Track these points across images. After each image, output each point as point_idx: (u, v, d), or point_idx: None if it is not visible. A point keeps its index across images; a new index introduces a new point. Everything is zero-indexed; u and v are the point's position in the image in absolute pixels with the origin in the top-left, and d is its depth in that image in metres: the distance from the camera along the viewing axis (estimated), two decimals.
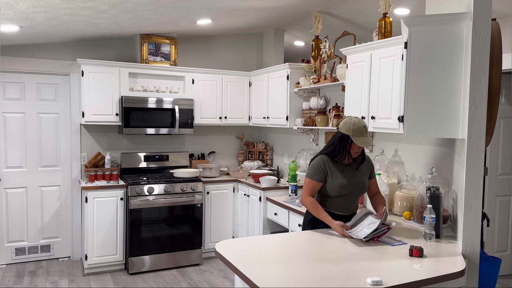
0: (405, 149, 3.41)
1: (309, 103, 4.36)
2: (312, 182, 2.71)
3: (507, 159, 4.47)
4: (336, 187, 2.69)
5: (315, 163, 2.74)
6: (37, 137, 4.71)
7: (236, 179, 4.94)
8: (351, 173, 2.73)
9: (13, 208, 4.63)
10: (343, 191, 2.70)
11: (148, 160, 4.97)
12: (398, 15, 3.86)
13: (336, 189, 2.69)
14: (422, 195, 2.84)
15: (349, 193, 2.72)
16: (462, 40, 2.34)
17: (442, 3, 2.90)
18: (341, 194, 2.71)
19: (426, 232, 2.46)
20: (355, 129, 2.60)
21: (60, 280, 4.24)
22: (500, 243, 4.46)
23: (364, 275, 1.91)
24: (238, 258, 2.10)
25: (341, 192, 2.70)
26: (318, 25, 4.29)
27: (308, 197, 2.72)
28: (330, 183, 2.70)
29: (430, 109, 2.43)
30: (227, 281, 4.24)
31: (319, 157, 2.75)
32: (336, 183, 2.69)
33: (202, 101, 4.98)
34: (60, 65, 4.69)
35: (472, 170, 2.27)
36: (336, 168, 2.71)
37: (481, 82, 2.25)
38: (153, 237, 4.46)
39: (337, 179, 2.69)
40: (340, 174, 2.70)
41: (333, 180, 2.69)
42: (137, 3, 3.34)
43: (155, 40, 4.82)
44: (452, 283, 2.13)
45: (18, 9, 3.13)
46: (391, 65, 3.02)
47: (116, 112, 4.55)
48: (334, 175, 2.70)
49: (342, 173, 2.70)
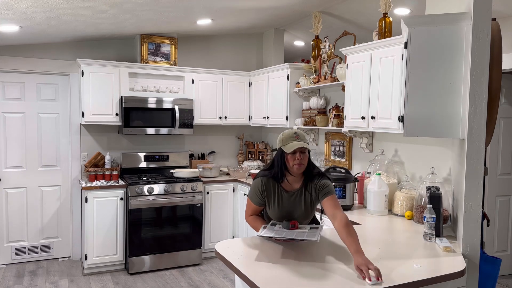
0: (405, 149, 3.41)
1: (309, 103, 4.36)
2: (252, 204, 2.47)
3: (507, 159, 4.47)
4: (273, 214, 2.44)
5: (253, 184, 2.46)
6: (37, 137, 4.70)
7: (236, 179, 4.94)
8: (288, 198, 2.41)
9: (13, 208, 4.63)
10: (282, 218, 2.42)
11: (148, 160, 4.97)
12: (398, 15, 3.86)
13: (274, 216, 2.44)
14: (422, 195, 2.84)
15: (290, 219, 2.40)
16: (462, 40, 2.34)
17: (442, 3, 2.90)
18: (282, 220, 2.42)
19: (426, 232, 2.46)
20: (284, 138, 2.33)
21: (60, 280, 4.24)
22: (500, 243, 4.46)
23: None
24: (238, 258, 2.10)
25: (280, 219, 2.42)
26: (318, 25, 4.29)
27: (248, 216, 2.51)
28: (269, 208, 2.44)
29: (430, 109, 2.43)
30: (227, 281, 4.24)
31: (258, 179, 2.45)
32: (272, 210, 2.43)
33: (202, 101, 4.98)
34: (60, 65, 4.69)
35: (472, 170, 2.27)
36: (272, 192, 2.41)
37: (481, 82, 2.25)
38: (153, 237, 4.46)
39: (274, 205, 2.42)
40: (276, 200, 2.41)
41: (270, 207, 2.43)
42: (137, 3, 3.34)
43: (155, 40, 4.82)
44: (452, 283, 2.13)
45: (18, 9, 3.13)
46: (391, 65, 3.02)
47: (116, 112, 4.55)
48: (272, 201, 2.42)
49: (277, 198, 2.41)
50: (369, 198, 3.18)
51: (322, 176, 2.42)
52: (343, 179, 3.30)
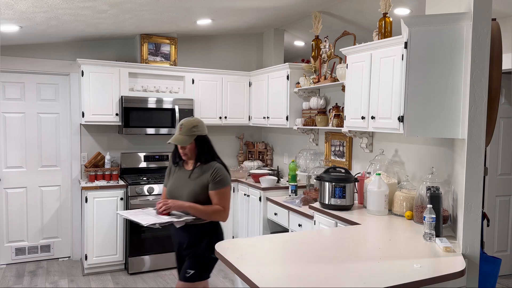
0: (405, 149, 3.41)
1: (309, 103, 4.36)
2: (163, 188, 2.89)
3: (507, 159, 4.47)
4: (166, 192, 2.81)
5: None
6: (37, 137, 4.71)
7: (236, 179, 4.94)
8: (183, 178, 2.74)
9: (13, 208, 4.63)
10: (169, 197, 2.74)
11: (148, 160, 4.97)
12: (398, 15, 3.86)
13: (166, 194, 2.79)
14: (422, 195, 2.84)
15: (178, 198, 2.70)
16: (462, 40, 2.34)
17: (442, 3, 2.90)
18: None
19: (426, 232, 2.46)
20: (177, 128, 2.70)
21: (60, 280, 4.24)
22: (500, 243, 4.46)
23: (364, 275, 1.91)
24: (238, 258, 2.10)
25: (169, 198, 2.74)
26: (318, 25, 4.29)
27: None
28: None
29: (430, 109, 2.43)
30: (227, 281, 4.24)
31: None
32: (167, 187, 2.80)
33: (202, 101, 4.98)
34: (60, 65, 4.69)
35: (472, 170, 2.27)
36: (174, 171, 2.82)
37: (481, 82, 2.25)
38: (153, 237, 4.46)
39: (168, 184, 2.79)
40: (172, 179, 2.78)
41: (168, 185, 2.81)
42: (137, 3, 3.34)
43: (155, 40, 4.82)
44: (452, 283, 2.13)
45: (18, 9, 3.13)
46: (391, 65, 3.02)
47: (116, 112, 4.55)
48: (170, 179, 2.81)
49: (173, 177, 2.78)
50: (369, 198, 3.18)
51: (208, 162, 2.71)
52: (343, 179, 3.30)
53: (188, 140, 2.62)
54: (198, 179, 2.65)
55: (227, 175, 2.70)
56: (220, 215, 2.65)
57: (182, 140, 2.61)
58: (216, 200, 2.64)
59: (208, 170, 2.66)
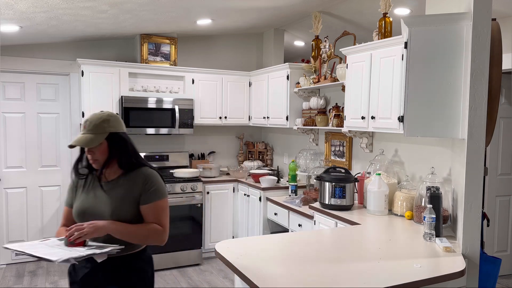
0: (405, 149, 3.41)
1: (309, 103, 4.36)
2: (65, 208, 2.03)
3: (507, 159, 4.47)
4: (74, 213, 1.94)
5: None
6: (37, 137, 4.70)
7: (236, 179, 4.94)
8: (99, 192, 1.92)
9: (13, 208, 4.63)
10: (80, 219, 1.89)
11: (148, 160, 4.96)
12: (398, 15, 3.86)
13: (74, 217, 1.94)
14: (422, 195, 2.84)
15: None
16: (462, 40, 2.34)
17: (442, 3, 2.90)
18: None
19: (426, 232, 2.46)
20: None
21: (60, 280, 4.24)
22: (500, 243, 4.46)
23: (364, 275, 1.91)
24: (238, 258, 2.10)
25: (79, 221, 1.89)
26: (318, 25, 4.29)
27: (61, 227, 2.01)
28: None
29: (430, 109, 2.43)
30: (227, 281, 4.24)
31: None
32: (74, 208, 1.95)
33: (202, 101, 4.98)
34: (60, 65, 4.69)
35: (472, 170, 2.27)
36: (82, 185, 1.99)
37: (481, 82, 2.25)
38: None
39: (76, 202, 1.95)
40: (82, 195, 1.96)
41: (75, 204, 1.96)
42: (137, 3, 3.34)
43: (155, 40, 4.82)
44: (452, 283, 2.13)
45: (18, 9, 3.13)
46: (391, 65, 3.02)
47: (116, 112, 4.55)
48: (77, 196, 1.98)
49: (83, 193, 1.96)
50: (369, 198, 3.18)
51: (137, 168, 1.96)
52: (343, 179, 3.30)
53: (96, 139, 1.84)
54: (123, 192, 1.89)
55: (163, 184, 1.95)
56: (159, 237, 1.90)
57: (88, 140, 1.84)
58: (151, 216, 1.89)
59: (136, 179, 1.91)
